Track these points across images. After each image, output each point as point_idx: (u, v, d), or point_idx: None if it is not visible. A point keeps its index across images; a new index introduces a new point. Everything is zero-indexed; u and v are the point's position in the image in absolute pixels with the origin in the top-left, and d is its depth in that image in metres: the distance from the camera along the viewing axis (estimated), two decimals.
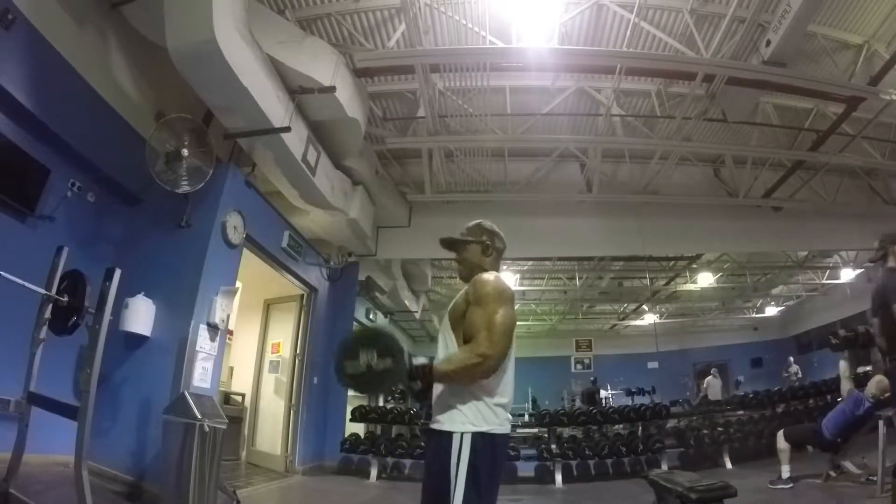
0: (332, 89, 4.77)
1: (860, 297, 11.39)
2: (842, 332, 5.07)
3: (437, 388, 1.80)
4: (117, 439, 3.91)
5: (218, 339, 4.43)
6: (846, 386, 4.64)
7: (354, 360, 1.63)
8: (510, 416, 1.80)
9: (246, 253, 5.15)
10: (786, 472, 4.71)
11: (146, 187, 4.36)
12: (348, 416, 7.29)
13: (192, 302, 4.18)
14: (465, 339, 1.77)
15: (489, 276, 1.86)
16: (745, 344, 15.84)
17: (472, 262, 1.98)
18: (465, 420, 1.68)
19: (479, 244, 1.99)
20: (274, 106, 4.44)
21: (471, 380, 1.69)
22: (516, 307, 1.89)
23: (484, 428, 1.68)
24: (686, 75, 5.49)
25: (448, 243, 2.05)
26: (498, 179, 7.42)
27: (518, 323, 1.89)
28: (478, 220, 2.07)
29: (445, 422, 1.71)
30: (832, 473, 4.69)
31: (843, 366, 4.76)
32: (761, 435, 6.58)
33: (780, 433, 5.00)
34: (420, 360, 1.67)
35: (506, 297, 1.79)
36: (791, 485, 4.62)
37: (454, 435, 1.67)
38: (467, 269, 1.98)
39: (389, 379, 1.62)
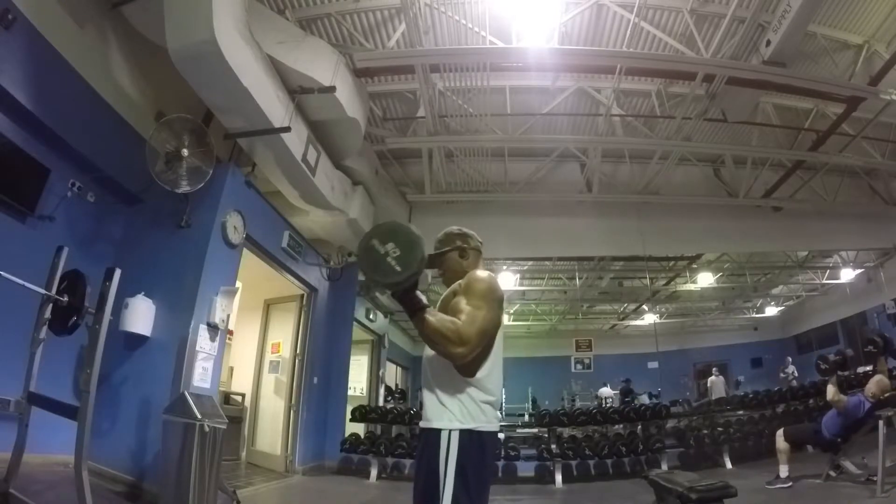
0: (332, 89, 4.78)
1: (860, 297, 11.43)
2: (831, 357, 5.08)
3: (426, 385, 1.78)
4: (117, 439, 3.91)
5: (218, 339, 4.43)
6: (840, 405, 4.56)
7: (381, 243, 1.55)
8: (499, 415, 1.79)
9: (246, 253, 5.15)
10: (784, 471, 4.71)
11: (146, 187, 4.35)
12: (348, 416, 7.29)
13: (192, 302, 4.17)
14: None
15: (484, 273, 1.84)
16: (745, 344, 15.82)
17: (454, 270, 1.97)
18: (452, 417, 1.68)
19: (456, 250, 1.98)
20: (274, 106, 4.44)
21: (435, 345, 1.66)
22: (516, 307, 1.88)
23: (471, 426, 1.67)
24: (686, 75, 5.50)
25: (427, 262, 2.05)
26: (498, 179, 7.42)
27: (518, 323, 1.88)
28: (445, 229, 2.05)
29: (434, 419, 1.71)
30: (832, 473, 4.68)
31: (831, 391, 4.63)
32: (761, 435, 6.58)
33: (780, 432, 4.99)
34: (420, 296, 1.63)
35: (496, 297, 1.77)
36: (790, 483, 4.62)
37: (442, 432, 1.66)
38: (454, 277, 1.96)
39: (392, 278, 1.53)
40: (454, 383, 1.72)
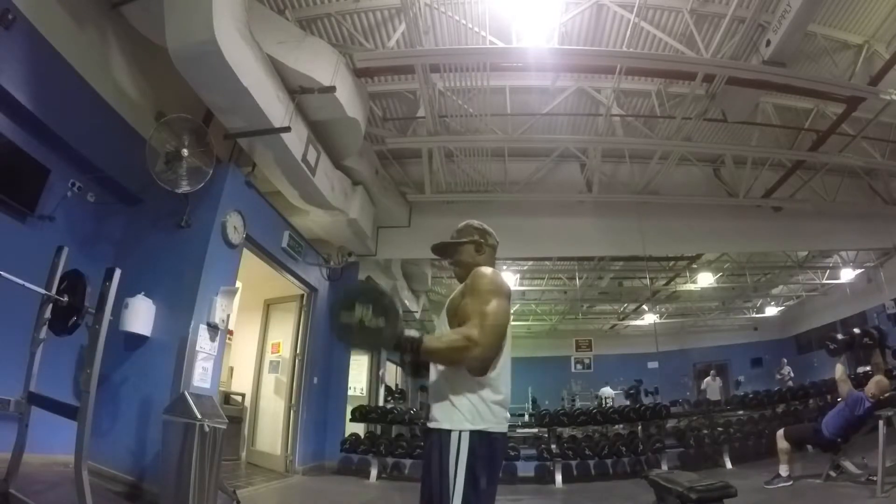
0: (332, 89, 4.78)
1: (860, 298, 11.44)
2: (839, 337, 5.09)
3: (435, 385, 1.78)
4: (117, 439, 3.91)
5: (218, 339, 4.43)
6: (844, 388, 4.63)
7: (350, 311, 1.58)
8: (508, 415, 1.78)
9: (246, 253, 5.15)
10: (784, 470, 4.72)
11: (146, 187, 4.35)
12: (348, 416, 7.29)
13: (192, 302, 4.17)
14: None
15: (487, 269, 1.83)
16: (745, 344, 15.84)
17: (467, 263, 1.96)
18: (462, 418, 1.67)
19: (472, 243, 1.98)
20: (274, 106, 4.44)
21: (454, 362, 1.68)
22: (516, 307, 1.87)
23: (481, 426, 1.67)
24: (686, 75, 5.49)
25: (440, 249, 2.04)
26: (498, 179, 7.42)
27: (518, 323, 1.88)
28: (466, 221, 2.05)
29: (443, 420, 1.70)
30: (832, 473, 4.69)
31: (839, 369, 4.70)
32: (761, 435, 6.58)
33: (780, 432, 5.01)
34: (412, 333, 1.63)
35: (502, 291, 1.77)
36: (791, 482, 4.63)
37: (452, 433, 1.65)
38: (464, 270, 1.95)
39: (378, 338, 1.58)
40: (464, 383, 1.71)
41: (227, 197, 4.66)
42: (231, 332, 6.40)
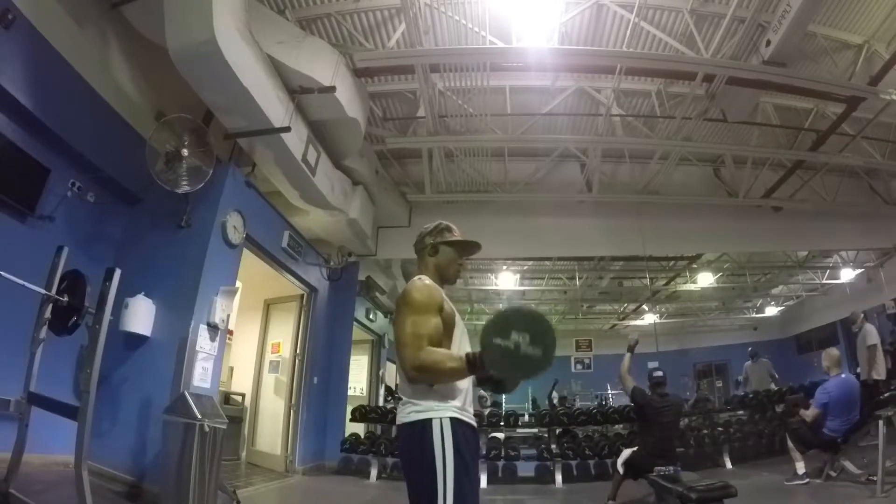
0: (332, 89, 4.78)
1: (860, 297, 11.42)
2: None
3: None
4: (117, 439, 3.92)
5: (218, 339, 4.43)
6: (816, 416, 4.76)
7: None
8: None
9: (246, 253, 5.15)
10: (800, 468, 4.75)
11: (146, 187, 4.36)
12: (348, 416, 7.29)
13: (192, 302, 4.18)
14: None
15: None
16: (745, 344, 15.76)
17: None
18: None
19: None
20: (274, 106, 4.44)
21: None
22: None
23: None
24: (686, 75, 5.49)
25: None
26: (498, 179, 7.42)
27: None
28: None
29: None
30: (832, 473, 4.69)
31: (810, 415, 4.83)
32: (761, 435, 6.57)
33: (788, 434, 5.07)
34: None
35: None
36: (807, 481, 4.66)
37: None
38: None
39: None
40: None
41: (227, 197, 4.66)
42: (231, 332, 6.40)
